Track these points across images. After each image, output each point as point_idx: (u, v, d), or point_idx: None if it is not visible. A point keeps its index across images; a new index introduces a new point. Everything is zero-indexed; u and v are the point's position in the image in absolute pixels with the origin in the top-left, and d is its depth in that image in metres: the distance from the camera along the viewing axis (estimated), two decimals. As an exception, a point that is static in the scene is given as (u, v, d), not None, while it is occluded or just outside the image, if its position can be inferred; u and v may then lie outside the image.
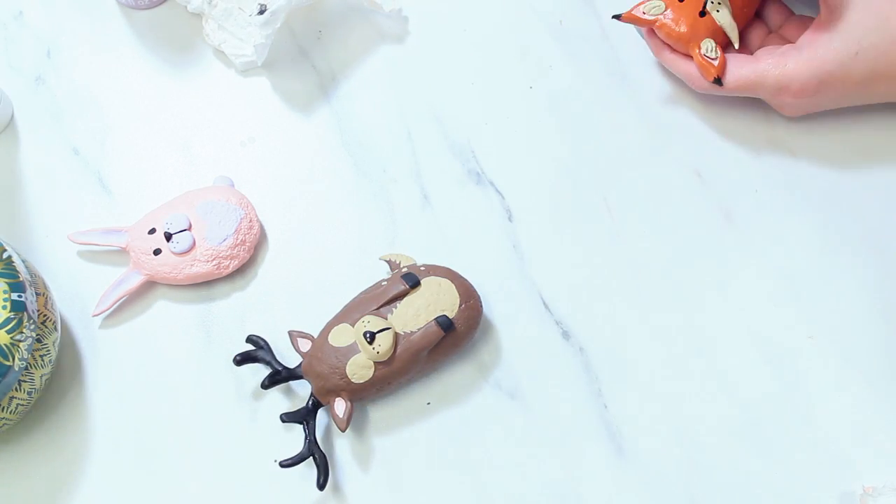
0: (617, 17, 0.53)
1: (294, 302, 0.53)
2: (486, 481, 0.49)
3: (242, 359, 0.49)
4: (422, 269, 0.50)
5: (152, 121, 0.58)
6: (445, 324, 0.47)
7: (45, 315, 0.48)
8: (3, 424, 0.47)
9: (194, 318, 0.53)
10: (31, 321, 0.46)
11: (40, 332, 0.47)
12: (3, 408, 0.46)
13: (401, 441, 0.49)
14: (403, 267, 0.50)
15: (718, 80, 0.51)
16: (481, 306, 0.50)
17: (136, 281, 0.52)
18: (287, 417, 0.48)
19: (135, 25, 0.60)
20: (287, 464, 0.47)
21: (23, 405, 0.47)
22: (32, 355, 0.46)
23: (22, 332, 0.45)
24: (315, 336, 0.50)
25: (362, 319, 0.48)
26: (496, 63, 0.59)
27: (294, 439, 0.50)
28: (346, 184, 0.56)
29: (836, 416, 0.50)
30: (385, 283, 0.49)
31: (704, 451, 0.49)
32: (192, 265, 0.52)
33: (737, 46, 0.52)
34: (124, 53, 0.60)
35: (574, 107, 0.56)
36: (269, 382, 0.48)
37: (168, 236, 0.52)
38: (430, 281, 0.49)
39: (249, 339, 0.50)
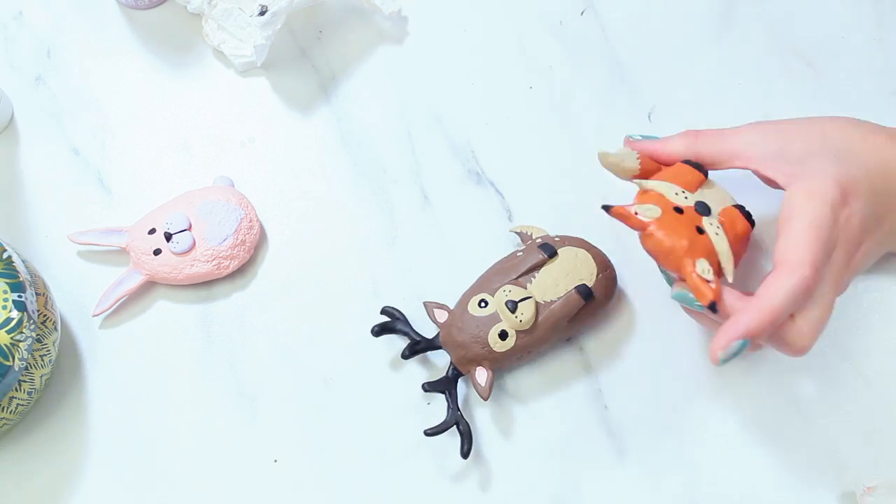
0: (606, 208, 0.44)
1: (294, 302, 0.53)
2: (486, 481, 0.49)
3: (380, 330, 0.50)
4: (556, 239, 0.50)
5: (152, 121, 0.58)
6: (585, 292, 0.48)
7: (45, 315, 0.48)
8: (3, 424, 0.47)
9: (194, 318, 0.53)
10: (31, 321, 0.46)
11: (40, 332, 0.47)
12: (3, 408, 0.46)
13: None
14: (536, 238, 0.51)
15: (713, 307, 0.43)
16: (616, 276, 0.50)
17: (136, 281, 0.52)
18: (429, 387, 0.48)
19: (135, 25, 0.60)
20: (432, 432, 0.47)
21: (23, 405, 0.47)
22: (32, 355, 0.46)
23: (22, 332, 0.45)
24: (451, 307, 0.50)
25: (503, 289, 0.48)
26: (496, 63, 0.59)
27: (296, 438, 0.50)
28: (345, 184, 0.56)
29: (836, 415, 0.50)
30: (520, 253, 0.50)
31: (704, 451, 0.49)
32: (192, 265, 0.52)
33: (730, 279, 0.44)
34: (124, 53, 0.60)
35: (574, 107, 0.56)
36: (409, 353, 0.49)
37: (168, 236, 0.52)
38: (567, 251, 0.49)
39: (385, 311, 0.51)
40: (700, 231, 0.44)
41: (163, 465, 0.50)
